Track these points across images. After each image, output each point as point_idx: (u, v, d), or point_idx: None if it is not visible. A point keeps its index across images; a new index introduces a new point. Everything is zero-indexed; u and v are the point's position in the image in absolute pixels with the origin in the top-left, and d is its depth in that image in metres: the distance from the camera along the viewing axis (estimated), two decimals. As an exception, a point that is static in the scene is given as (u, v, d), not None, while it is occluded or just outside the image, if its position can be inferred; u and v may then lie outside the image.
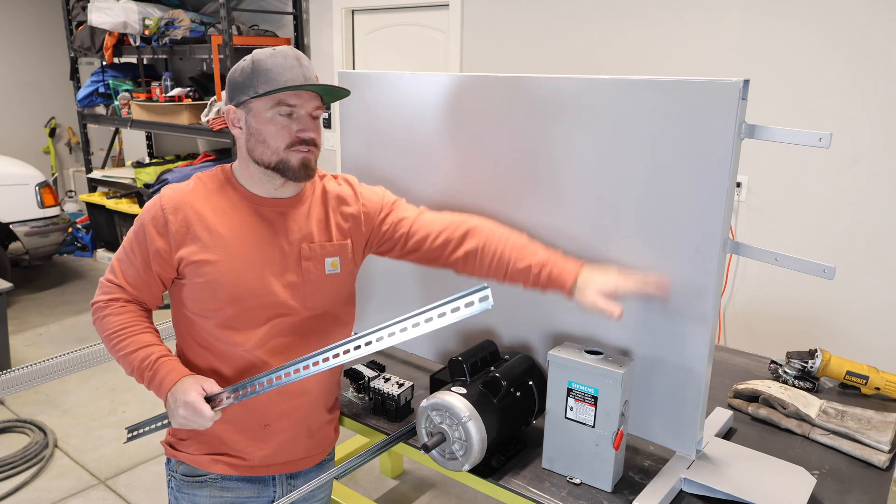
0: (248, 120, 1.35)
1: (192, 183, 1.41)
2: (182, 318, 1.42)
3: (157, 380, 1.32)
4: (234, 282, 1.35)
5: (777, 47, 2.72)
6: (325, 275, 1.44)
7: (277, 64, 1.31)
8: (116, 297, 1.40)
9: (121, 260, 1.41)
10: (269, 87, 1.30)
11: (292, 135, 1.33)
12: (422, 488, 2.85)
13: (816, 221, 2.74)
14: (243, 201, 1.39)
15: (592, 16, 3.19)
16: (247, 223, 1.38)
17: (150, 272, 1.37)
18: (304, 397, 1.47)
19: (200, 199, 1.37)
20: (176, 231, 1.34)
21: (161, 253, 1.35)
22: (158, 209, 1.36)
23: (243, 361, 1.39)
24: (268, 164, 1.35)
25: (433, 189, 1.76)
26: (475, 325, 1.78)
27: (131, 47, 4.84)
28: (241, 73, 1.34)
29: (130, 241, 1.39)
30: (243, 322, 1.37)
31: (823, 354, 1.83)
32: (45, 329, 4.41)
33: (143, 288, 1.40)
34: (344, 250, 1.47)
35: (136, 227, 1.38)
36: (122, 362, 1.37)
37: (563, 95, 1.47)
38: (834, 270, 1.24)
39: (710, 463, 1.43)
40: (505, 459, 1.49)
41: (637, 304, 1.45)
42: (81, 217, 5.98)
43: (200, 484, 1.45)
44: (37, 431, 3.16)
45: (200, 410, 1.25)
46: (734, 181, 1.29)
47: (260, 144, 1.35)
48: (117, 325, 1.37)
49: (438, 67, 3.89)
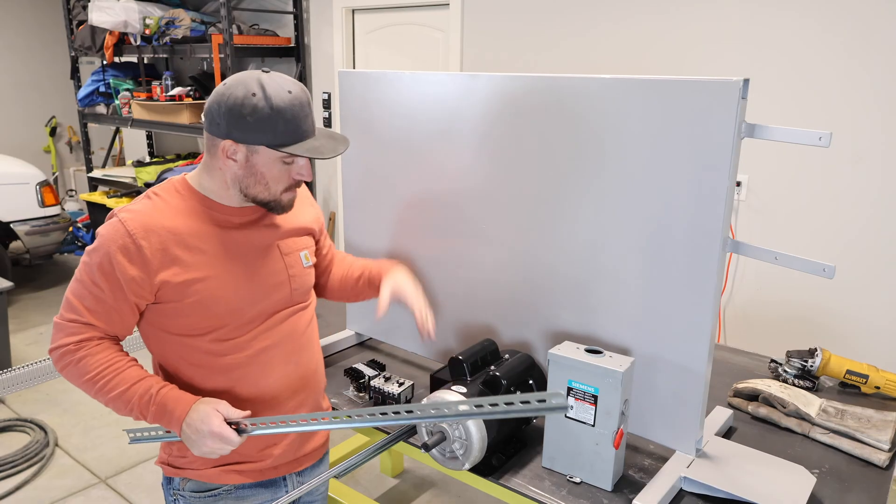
0: (251, 159, 1.28)
1: (149, 201, 1.32)
2: (166, 343, 1.36)
3: (166, 414, 1.26)
4: (229, 294, 1.32)
5: (777, 46, 2.72)
6: (304, 268, 1.47)
7: (296, 115, 1.26)
8: (88, 336, 1.29)
9: (82, 297, 1.28)
10: (292, 142, 1.26)
11: (291, 178, 1.33)
12: (422, 487, 2.85)
13: (816, 221, 2.74)
14: (211, 212, 1.35)
15: (592, 16, 3.19)
16: (223, 234, 1.34)
17: (123, 302, 1.28)
18: (308, 391, 1.49)
19: (167, 217, 1.30)
20: (152, 256, 1.26)
21: (137, 281, 1.26)
22: (125, 235, 1.25)
23: (239, 369, 1.37)
24: (258, 201, 1.34)
25: (433, 188, 1.77)
26: (475, 324, 1.78)
27: (132, 46, 4.83)
28: (252, 112, 1.22)
29: (91, 274, 1.27)
30: (238, 331, 1.35)
31: (823, 353, 1.83)
32: (46, 328, 4.41)
33: (116, 321, 1.30)
34: (310, 243, 1.52)
35: (98, 259, 1.26)
36: (114, 403, 1.28)
37: (563, 95, 1.47)
38: (834, 269, 1.24)
39: (710, 462, 1.43)
40: (505, 458, 1.49)
41: (637, 303, 1.45)
42: (82, 216, 5.98)
43: (214, 498, 1.42)
44: (37, 430, 3.17)
45: (229, 438, 1.23)
46: (734, 181, 1.29)
47: (258, 184, 1.31)
48: (98, 366, 1.27)
49: (438, 67, 3.89)
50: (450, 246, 1.78)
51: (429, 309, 1.53)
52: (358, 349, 2.10)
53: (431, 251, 1.83)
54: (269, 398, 1.41)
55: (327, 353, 2.01)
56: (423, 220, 1.82)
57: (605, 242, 1.48)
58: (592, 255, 1.50)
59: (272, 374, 1.41)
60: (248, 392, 1.39)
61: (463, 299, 1.79)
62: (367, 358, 1.94)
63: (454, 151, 1.70)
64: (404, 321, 1.96)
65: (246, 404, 1.38)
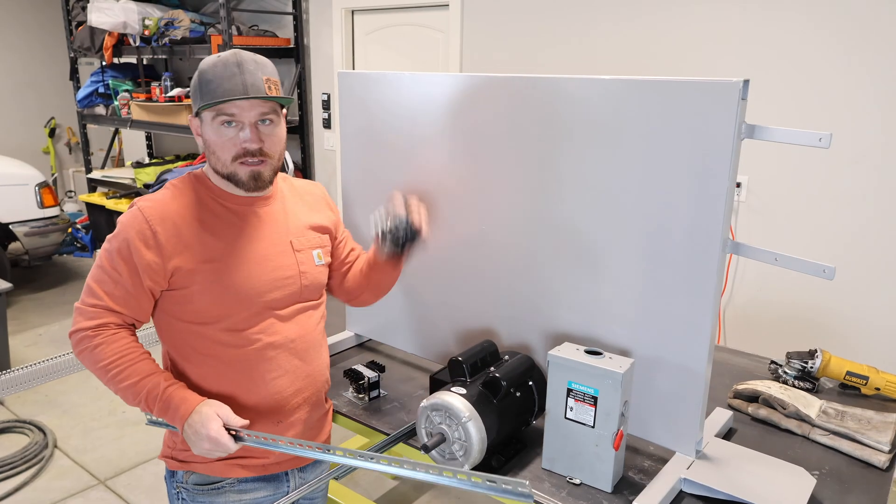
0: (203, 132, 1.35)
1: (167, 191, 1.38)
2: (180, 332, 1.39)
3: (170, 411, 1.29)
4: (239, 281, 1.35)
5: (777, 47, 2.72)
6: (316, 266, 1.49)
7: (218, 74, 1.30)
8: (105, 321, 1.33)
9: (101, 281, 1.33)
10: (207, 100, 1.30)
11: (238, 146, 1.32)
12: (422, 488, 2.84)
13: (816, 221, 2.74)
14: (222, 202, 1.39)
15: (592, 16, 3.19)
16: (233, 223, 1.38)
17: (140, 288, 1.33)
18: (310, 389, 1.49)
19: (182, 205, 1.36)
20: (166, 241, 1.31)
21: (152, 266, 1.31)
22: (142, 222, 1.31)
23: (247, 362, 1.39)
24: (222, 174, 1.37)
25: (433, 189, 1.76)
26: (475, 325, 1.78)
27: (131, 47, 4.83)
28: (192, 83, 1.33)
29: (111, 259, 1.33)
30: (247, 322, 1.38)
31: (823, 355, 1.83)
32: (45, 329, 4.41)
33: (134, 305, 1.34)
34: (325, 243, 1.53)
35: (118, 244, 1.32)
36: (124, 393, 1.33)
37: (563, 95, 1.47)
38: (834, 270, 1.24)
39: (710, 463, 1.43)
40: (505, 460, 1.49)
41: (637, 305, 1.45)
42: (81, 217, 5.97)
43: (217, 491, 1.44)
44: (36, 432, 3.16)
45: (225, 445, 1.26)
46: (734, 181, 1.29)
47: (212, 155, 1.35)
48: (112, 354, 1.32)
49: (438, 67, 3.89)
50: (450, 246, 1.78)
51: (422, 204, 1.51)
52: (357, 350, 2.10)
53: (431, 252, 1.83)
54: (273, 393, 1.42)
55: (327, 354, 2.00)
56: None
57: (606, 243, 1.48)
58: (592, 256, 1.50)
59: (279, 369, 1.42)
60: (255, 387, 1.40)
61: (463, 300, 1.79)
62: (366, 359, 1.93)
63: (453, 152, 1.70)
64: (404, 322, 1.95)
65: (251, 398, 1.40)
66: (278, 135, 1.38)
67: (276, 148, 1.38)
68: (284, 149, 1.43)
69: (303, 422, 1.49)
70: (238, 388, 1.40)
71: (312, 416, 1.52)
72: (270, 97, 1.32)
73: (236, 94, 1.29)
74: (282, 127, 1.40)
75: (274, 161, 1.38)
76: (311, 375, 1.49)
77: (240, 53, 1.33)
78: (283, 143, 1.42)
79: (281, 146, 1.40)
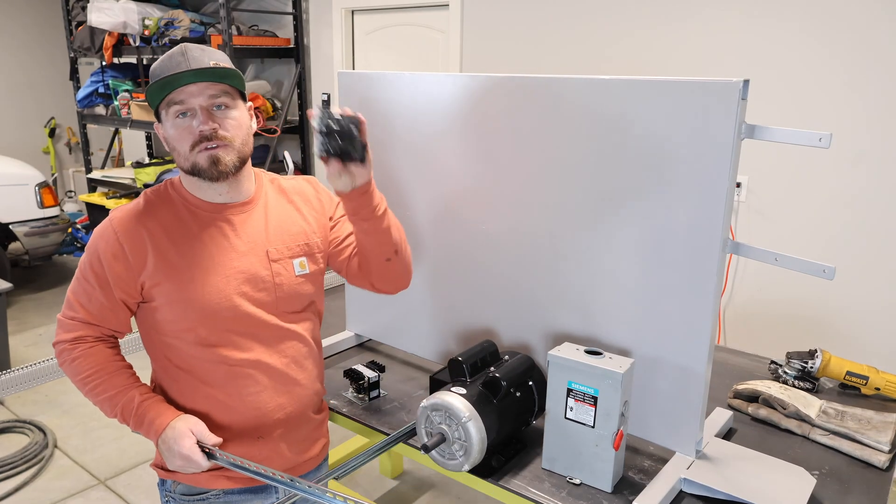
0: (163, 131, 1.32)
1: (140, 201, 1.35)
2: (157, 345, 1.38)
3: (144, 425, 1.29)
4: (202, 294, 1.31)
5: (777, 48, 2.72)
6: (296, 276, 1.42)
7: (163, 66, 1.28)
8: (81, 334, 1.33)
9: (77, 293, 1.34)
10: (155, 88, 1.28)
11: (194, 134, 1.28)
12: (422, 488, 2.85)
13: (816, 222, 2.74)
14: (196, 212, 1.35)
15: (592, 16, 3.19)
16: (205, 234, 1.34)
17: (112, 299, 1.32)
18: (294, 404, 1.45)
19: (152, 217, 1.33)
20: (131, 256, 1.29)
21: (123, 278, 1.30)
22: (111, 234, 1.30)
23: (222, 377, 1.36)
24: (186, 170, 1.32)
25: (433, 189, 1.76)
26: (475, 325, 1.78)
27: (131, 47, 4.83)
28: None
29: (85, 271, 1.32)
30: (219, 337, 1.34)
31: (823, 355, 1.83)
32: (45, 329, 4.41)
33: (110, 317, 1.34)
34: (309, 250, 1.45)
35: (90, 257, 1.32)
36: (102, 406, 1.32)
37: (563, 95, 1.47)
38: (834, 270, 1.24)
39: (710, 463, 1.43)
40: (505, 460, 1.49)
41: (637, 305, 1.45)
42: (81, 217, 5.97)
43: (203, 501, 1.43)
44: (36, 432, 3.16)
45: (197, 462, 1.26)
46: (734, 181, 1.29)
47: (174, 152, 1.32)
48: (89, 368, 1.31)
49: (438, 67, 3.89)
50: (450, 247, 1.78)
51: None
52: (357, 350, 2.10)
53: (432, 251, 1.83)
54: (252, 409, 1.39)
55: (326, 353, 2.00)
56: (423, 220, 1.82)
57: (605, 243, 1.48)
58: (592, 256, 1.50)
59: (256, 385, 1.39)
60: (232, 402, 1.37)
61: (462, 300, 1.79)
62: (366, 359, 1.93)
63: (454, 152, 1.70)
64: (404, 322, 1.95)
65: (228, 415, 1.37)
66: (236, 119, 1.31)
67: (236, 133, 1.30)
68: (250, 135, 1.36)
69: (287, 436, 1.46)
70: (214, 404, 1.37)
71: (300, 430, 1.49)
72: (210, 68, 1.26)
73: (183, 82, 1.26)
74: (240, 111, 1.33)
75: (236, 145, 1.30)
76: (294, 390, 1.44)
77: (186, 45, 1.30)
78: (246, 128, 1.34)
79: (242, 131, 1.32)
